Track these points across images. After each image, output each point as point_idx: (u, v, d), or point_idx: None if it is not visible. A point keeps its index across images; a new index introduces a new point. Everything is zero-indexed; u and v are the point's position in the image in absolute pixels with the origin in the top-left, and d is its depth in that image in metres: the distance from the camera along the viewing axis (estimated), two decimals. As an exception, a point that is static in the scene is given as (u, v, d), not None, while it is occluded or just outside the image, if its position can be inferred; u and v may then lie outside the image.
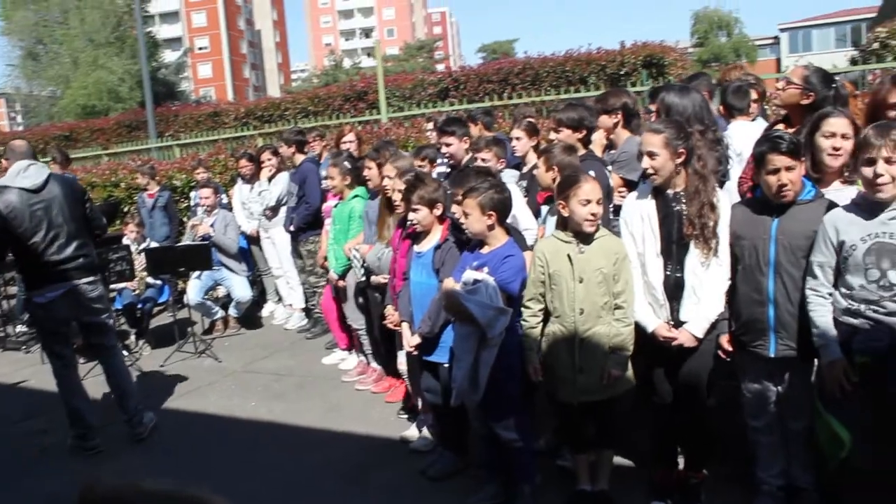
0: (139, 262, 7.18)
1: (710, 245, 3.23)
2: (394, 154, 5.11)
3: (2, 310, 8.28)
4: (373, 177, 5.22)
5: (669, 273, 3.33)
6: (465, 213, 3.52)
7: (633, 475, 3.81)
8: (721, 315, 3.31)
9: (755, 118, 4.53)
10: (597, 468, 3.60)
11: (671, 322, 3.35)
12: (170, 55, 47.22)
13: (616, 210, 3.85)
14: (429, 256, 3.95)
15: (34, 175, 4.69)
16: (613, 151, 4.37)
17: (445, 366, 3.84)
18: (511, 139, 5.11)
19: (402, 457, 4.40)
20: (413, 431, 4.61)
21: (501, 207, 3.52)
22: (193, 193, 8.57)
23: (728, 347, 3.36)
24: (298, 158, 7.21)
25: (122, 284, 7.05)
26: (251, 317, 8.06)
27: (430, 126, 7.18)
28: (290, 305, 7.83)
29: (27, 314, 6.99)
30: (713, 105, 4.55)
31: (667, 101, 3.70)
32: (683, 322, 3.32)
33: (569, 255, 3.34)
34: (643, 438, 3.76)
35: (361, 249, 5.12)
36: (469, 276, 3.44)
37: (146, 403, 5.29)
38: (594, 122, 4.34)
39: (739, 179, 3.77)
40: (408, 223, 4.15)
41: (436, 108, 11.04)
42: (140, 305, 7.36)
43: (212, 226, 7.52)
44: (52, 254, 4.66)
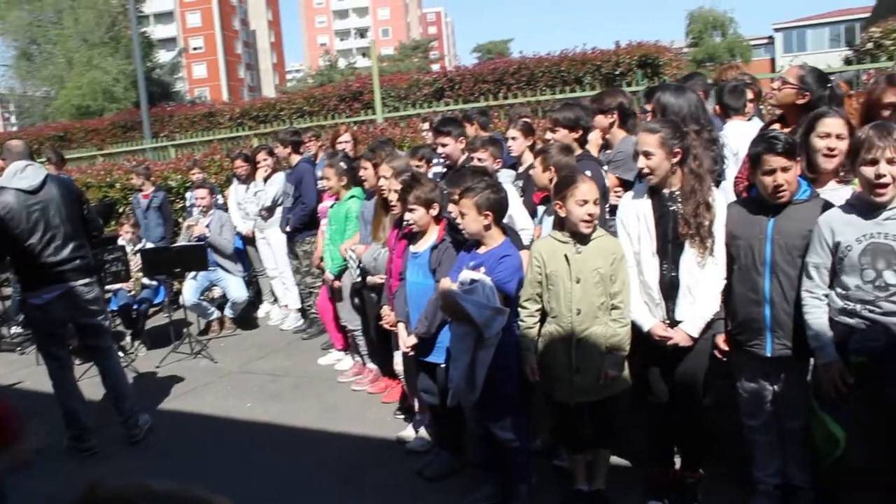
0: (135, 263, 7.16)
1: (706, 244, 3.24)
2: (390, 154, 5.11)
3: (-3, 311, 8.26)
4: (369, 177, 5.21)
5: (665, 272, 3.33)
6: (462, 213, 3.52)
7: (630, 475, 3.81)
8: (717, 314, 3.31)
9: (751, 118, 4.53)
10: (593, 468, 3.61)
11: (667, 321, 3.35)
12: (164, 55, 47.23)
13: (612, 210, 3.85)
14: (425, 257, 3.94)
15: (31, 176, 4.68)
16: (609, 151, 4.37)
17: (442, 366, 3.84)
18: (507, 139, 5.11)
19: (399, 457, 4.40)
20: (409, 432, 4.61)
21: (498, 207, 3.52)
22: (189, 194, 8.57)
23: (724, 347, 3.36)
24: (294, 159, 7.19)
25: (118, 285, 7.03)
26: (247, 317, 8.05)
27: (426, 126, 7.17)
28: (286, 306, 7.82)
29: (22, 315, 6.96)
30: (709, 105, 4.56)
31: (662, 101, 3.70)
32: (679, 321, 3.32)
33: (566, 256, 3.34)
34: (639, 438, 3.77)
35: (357, 250, 5.11)
36: (466, 276, 3.44)
37: (142, 404, 5.27)
38: (590, 122, 4.34)
39: (735, 179, 3.78)
40: (404, 223, 4.15)
41: (431, 109, 11.03)
42: (136, 306, 7.33)
43: (207, 226, 7.51)
44: (49, 255, 4.65)
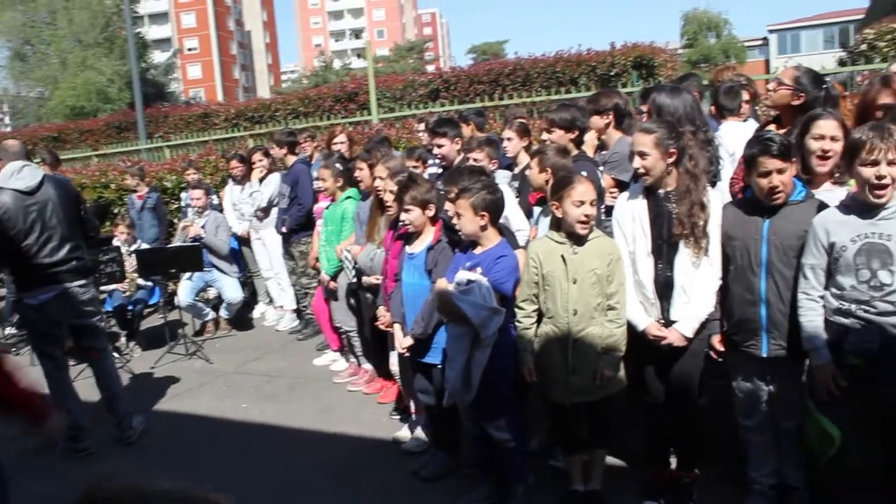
0: (130, 264, 7.15)
1: (701, 244, 3.24)
2: (385, 154, 5.10)
3: (-9, 312, 8.22)
4: (364, 177, 5.21)
5: (660, 272, 3.34)
6: (458, 214, 3.52)
7: (626, 475, 3.82)
8: (712, 315, 3.32)
9: (746, 119, 4.55)
10: (589, 468, 3.61)
11: (662, 321, 3.35)
12: (159, 56, 47.12)
13: (608, 210, 3.86)
14: (421, 257, 3.94)
15: (28, 176, 4.66)
16: (605, 152, 4.38)
17: (438, 367, 3.83)
18: (502, 140, 5.12)
19: (395, 458, 4.40)
20: (405, 432, 4.61)
21: (494, 208, 3.53)
22: (184, 195, 8.56)
23: (719, 347, 3.37)
24: (290, 159, 7.18)
25: (113, 286, 7.02)
26: (242, 318, 8.04)
27: (422, 127, 7.17)
28: (281, 307, 7.81)
29: (17, 316, 6.93)
30: (704, 105, 4.57)
31: (658, 102, 3.71)
32: (674, 321, 3.32)
33: (563, 256, 3.34)
34: (635, 438, 3.78)
35: (353, 250, 5.10)
36: (462, 277, 3.44)
37: (137, 405, 5.27)
38: (586, 123, 4.35)
39: (731, 180, 3.78)
40: (400, 224, 4.14)
41: (427, 109, 11.02)
42: (131, 307, 7.32)
43: (203, 227, 7.50)
44: (45, 256, 4.63)
